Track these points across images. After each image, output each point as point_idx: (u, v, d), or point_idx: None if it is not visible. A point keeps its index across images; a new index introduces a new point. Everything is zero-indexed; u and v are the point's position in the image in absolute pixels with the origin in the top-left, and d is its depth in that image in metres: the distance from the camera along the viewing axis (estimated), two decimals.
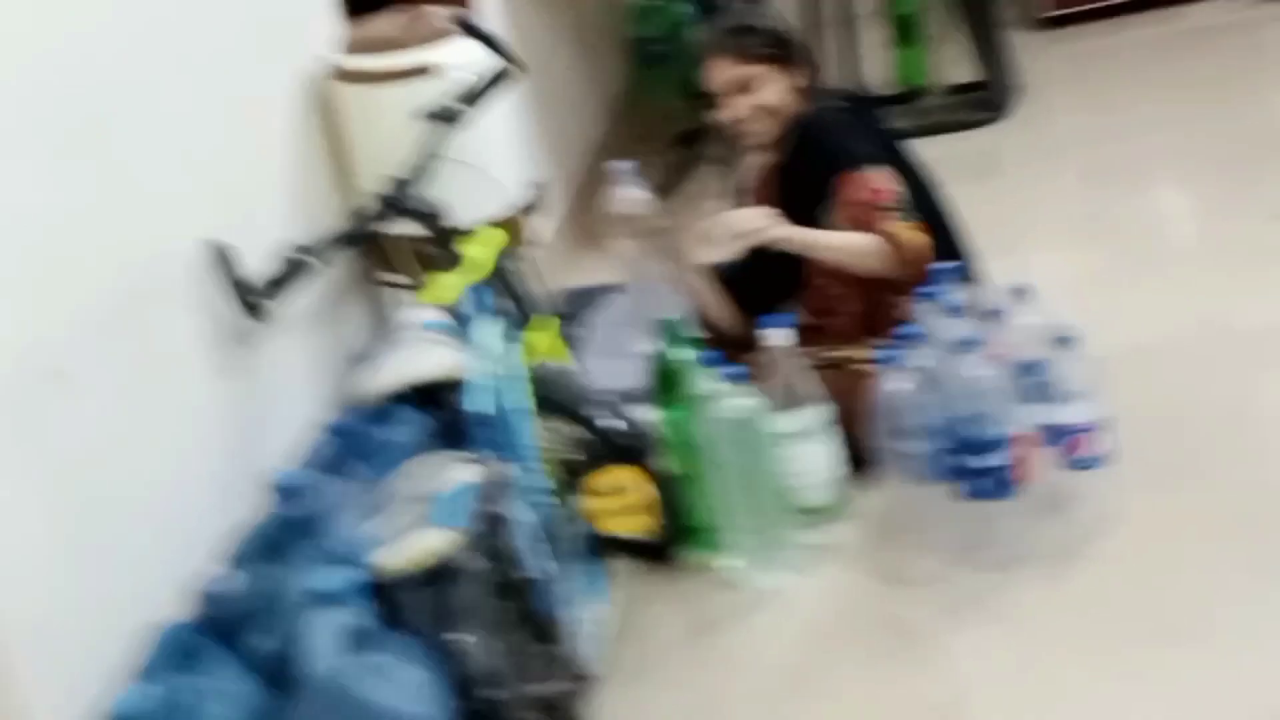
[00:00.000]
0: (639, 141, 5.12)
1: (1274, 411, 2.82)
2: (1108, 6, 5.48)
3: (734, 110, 2.94)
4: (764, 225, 2.75)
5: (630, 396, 3.06)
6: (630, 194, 2.88)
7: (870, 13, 5.20)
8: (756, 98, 2.91)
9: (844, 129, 2.90)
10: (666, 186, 4.40)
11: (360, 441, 2.34)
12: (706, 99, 3.07)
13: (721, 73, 2.93)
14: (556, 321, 2.69)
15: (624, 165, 2.92)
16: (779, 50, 2.91)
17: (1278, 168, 3.88)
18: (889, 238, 2.72)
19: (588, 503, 2.50)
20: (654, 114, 5.60)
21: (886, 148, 2.91)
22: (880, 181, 2.76)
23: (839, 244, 2.76)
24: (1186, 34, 5.19)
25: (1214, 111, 4.42)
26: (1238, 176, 3.89)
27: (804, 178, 2.85)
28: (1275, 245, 3.45)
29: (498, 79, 2.60)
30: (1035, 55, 5.21)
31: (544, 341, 2.62)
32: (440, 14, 2.82)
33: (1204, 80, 4.68)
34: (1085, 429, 2.46)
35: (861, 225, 2.75)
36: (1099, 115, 4.67)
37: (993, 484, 2.41)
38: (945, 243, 2.92)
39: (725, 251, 2.76)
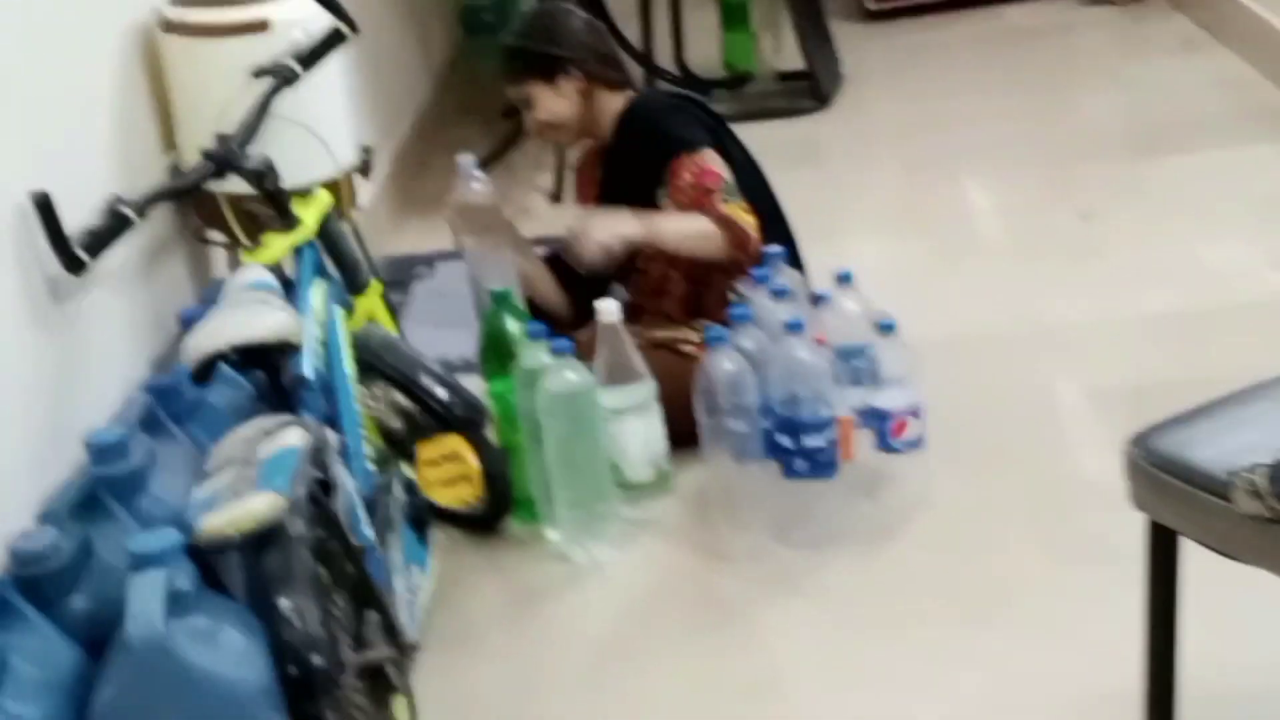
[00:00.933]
0: (465, 111, 5.10)
1: (1075, 404, 2.94)
2: (930, 3, 5.61)
3: (528, 125, 3.04)
4: (621, 231, 2.77)
5: (457, 365, 3.06)
6: (473, 186, 2.93)
7: None
8: (536, 114, 2.98)
9: (670, 114, 2.96)
10: (492, 158, 4.39)
11: (180, 402, 2.29)
12: None
13: (511, 95, 3.03)
14: (381, 287, 2.66)
15: (466, 158, 2.96)
16: (542, 67, 2.95)
17: (1086, 169, 4.04)
18: (720, 220, 2.76)
19: (413, 471, 2.48)
20: (481, 84, 5.57)
21: (713, 132, 2.95)
22: (709, 165, 2.80)
23: (678, 230, 2.80)
24: (1005, 33, 5.36)
25: (1028, 110, 4.57)
26: (1048, 175, 4.04)
27: (632, 162, 2.90)
28: (1082, 244, 3.59)
29: (332, 39, 2.56)
30: (859, 46, 5.31)
31: (369, 306, 2.60)
32: None
33: (1020, 79, 4.84)
34: (902, 414, 2.53)
35: (693, 208, 2.79)
36: (918, 108, 4.79)
37: (812, 464, 2.47)
38: (771, 227, 2.97)
39: (593, 260, 2.78)
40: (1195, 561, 1.74)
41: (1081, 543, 2.45)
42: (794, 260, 2.94)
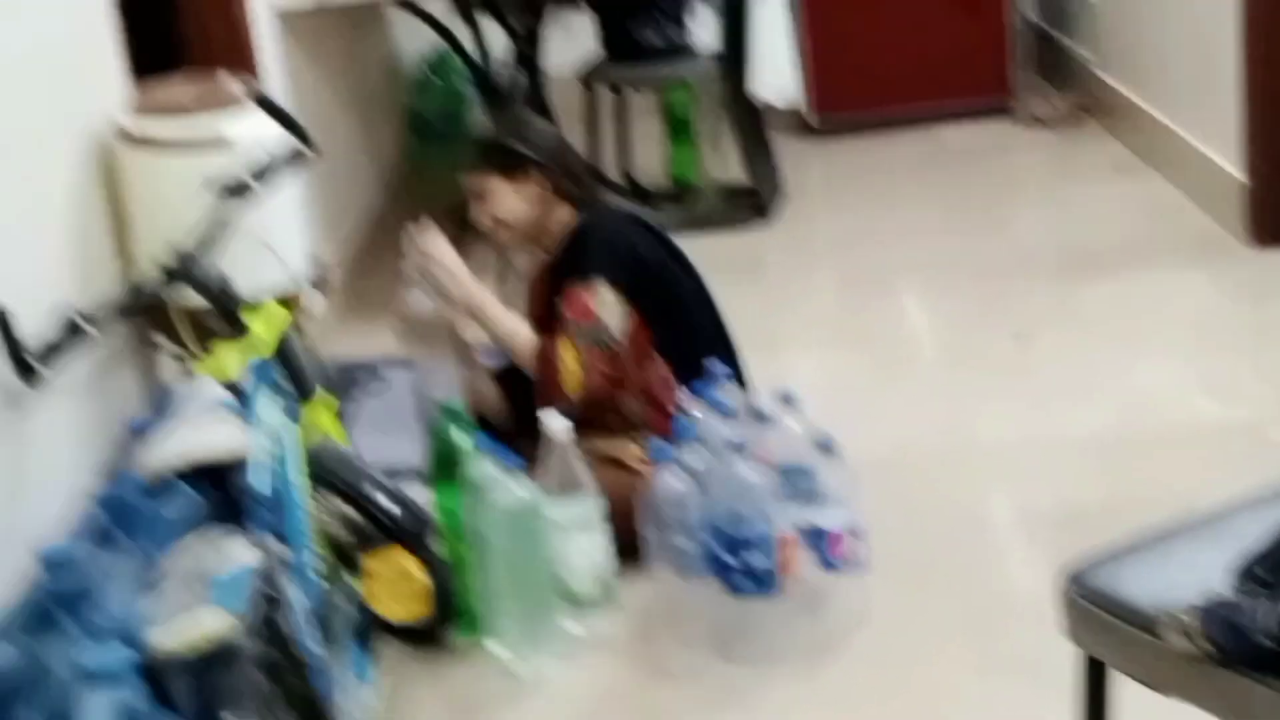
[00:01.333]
0: (413, 214, 5.13)
1: (1008, 520, 3.00)
2: (871, 121, 5.75)
3: (476, 215, 3.11)
4: (448, 286, 2.94)
5: (404, 474, 3.08)
6: (418, 297, 3.00)
7: (647, 109, 5.36)
8: (489, 207, 3.05)
9: (601, 238, 3.00)
10: None
11: (131, 515, 2.30)
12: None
13: (465, 181, 3.10)
14: (334, 399, 2.69)
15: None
16: (508, 163, 3.03)
17: (1018, 288, 4.14)
18: (540, 352, 2.88)
19: (359, 584, 2.50)
20: (429, 187, 5.64)
21: (657, 251, 3.02)
22: (587, 299, 2.88)
23: (498, 324, 2.95)
24: (943, 153, 5.50)
25: (964, 228, 4.69)
26: (983, 292, 4.13)
27: (562, 279, 2.96)
28: (1014, 363, 3.68)
29: (289, 157, 2.61)
30: (801, 162, 5.44)
31: (321, 418, 2.62)
32: (234, 84, 2.81)
33: (956, 198, 4.97)
34: (842, 533, 2.58)
35: (543, 323, 2.94)
36: (858, 223, 4.90)
37: (754, 581, 2.50)
38: (715, 343, 3.03)
39: (420, 290, 2.96)
40: (1127, 693, 1.79)
41: (1014, 661, 2.50)
42: (737, 375, 3.00)
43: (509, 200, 3.03)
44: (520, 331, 2.93)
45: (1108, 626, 1.66)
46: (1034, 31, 6.25)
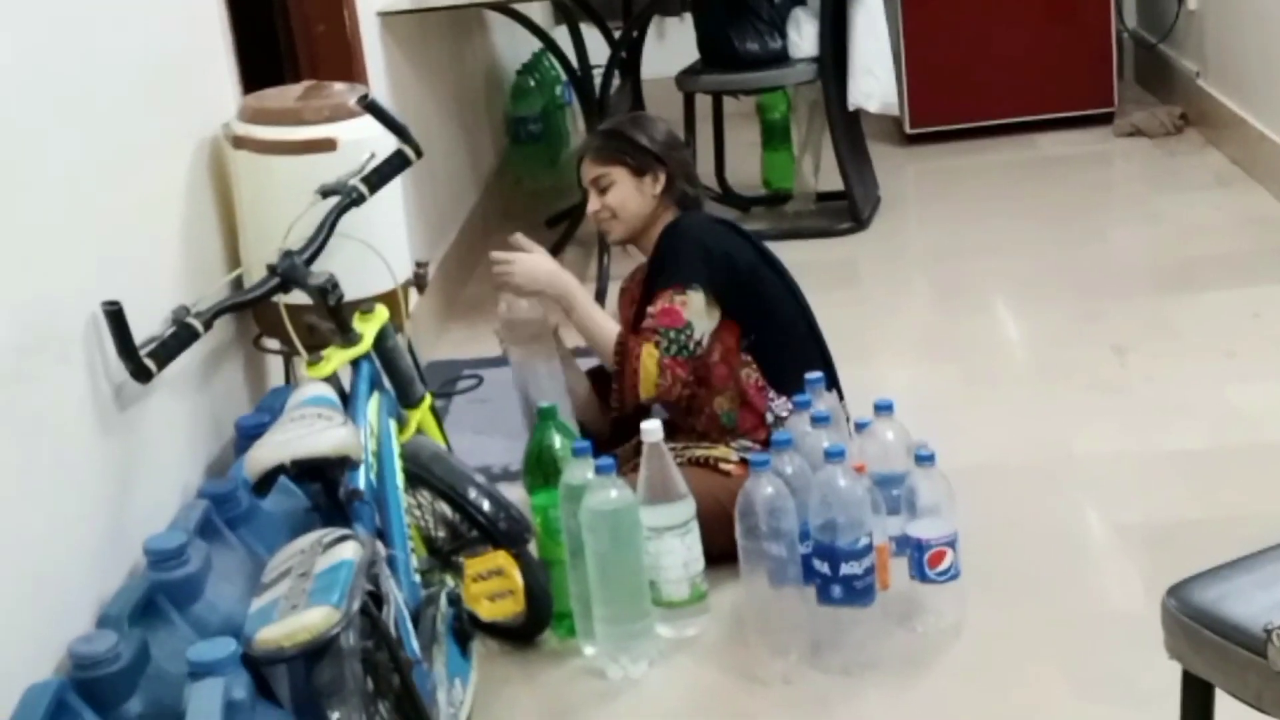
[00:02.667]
0: (509, 218, 5.21)
1: (1101, 535, 2.98)
2: (967, 129, 5.72)
3: (590, 206, 3.11)
4: (539, 279, 2.98)
5: (498, 475, 3.12)
6: (520, 303, 3.03)
7: (743, 116, 5.37)
8: (606, 198, 3.06)
9: (693, 242, 3.00)
10: None
11: (237, 509, 2.36)
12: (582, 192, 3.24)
13: (586, 172, 3.10)
14: (431, 398, 2.73)
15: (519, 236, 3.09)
16: (631, 156, 3.05)
17: (1115, 302, 4.09)
18: (625, 352, 2.88)
19: (456, 583, 2.53)
20: (524, 192, 5.70)
21: (750, 256, 3.02)
22: (677, 306, 2.89)
23: (590, 320, 2.97)
24: (1039, 161, 5.45)
25: (1059, 239, 4.64)
26: (1077, 306, 4.09)
27: (653, 284, 2.98)
28: (1110, 377, 3.64)
29: (397, 163, 2.65)
30: (897, 169, 5.42)
31: (420, 418, 2.66)
32: (342, 90, 2.86)
33: (1053, 208, 4.92)
34: (938, 544, 2.57)
35: (631, 327, 2.97)
36: (952, 232, 4.87)
37: (848, 591, 2.50)
38: (809, 350, 3.03)
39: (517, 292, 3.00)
40: (1229, 714, 1.78)
41: (1109, 679, 2.48)
42: (831, 382, 3.00)
43: (627, 193, 3.05)
44: (607, 329, 2.95)
45: (1212, 645, 1.65)
46: (1136, 41, 6.19)
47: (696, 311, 2.90)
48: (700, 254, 2.96)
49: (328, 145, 2.68)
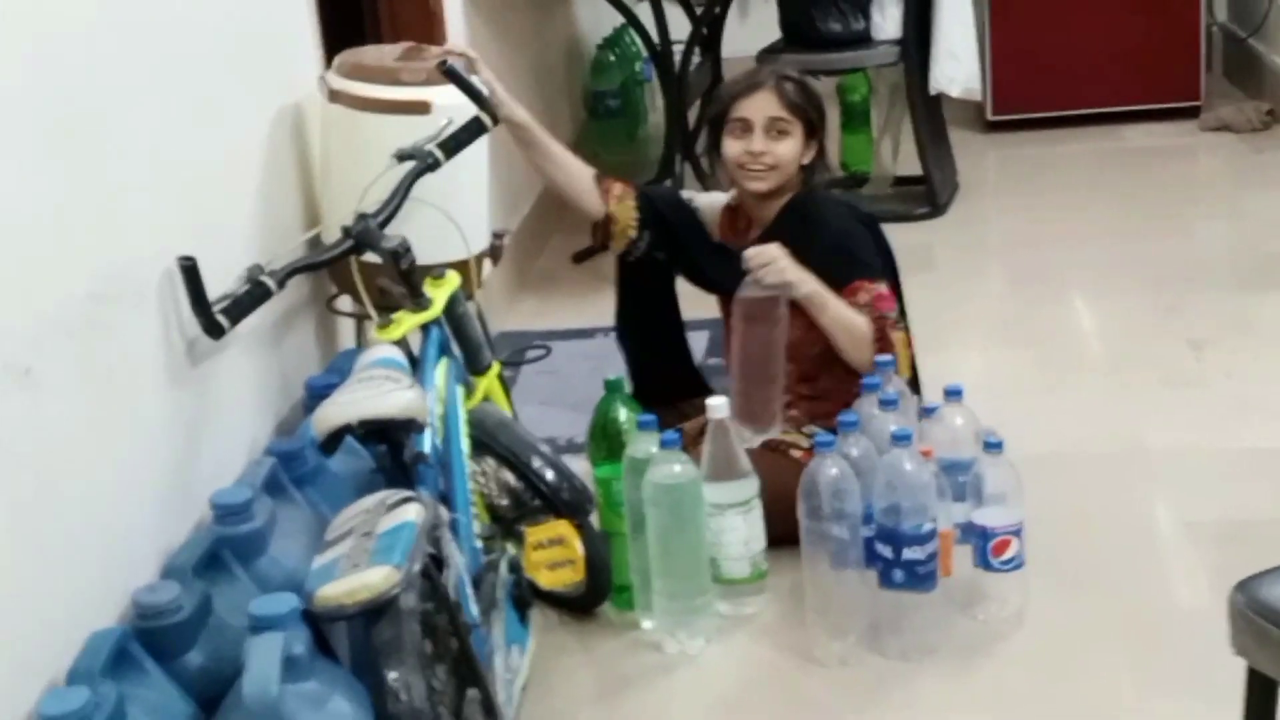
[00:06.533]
0: None
1: (1171, 529, 2.94)
2: (1049, 118, 5.66)
3: (749, 145, 2.93)
4: (790, 278, 2.78)
5: (563, 446, 3.13)
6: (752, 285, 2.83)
7: (823, 95, 5.32)
8: (777, 145, 2.92)
9: (854, 232, 2.95)
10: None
11: (303, 467, 2.37)
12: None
13: (763, 106, 2.93)
14: (499, 367, 2.74)
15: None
16: (814, 117, 2.97)
17: (1196, 297, 4.03)
18: (882, 338, 2.81)
19: (517, 550, 2.54)
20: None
21: (883, 252, 3.01)
22: (886, 293, 2.87)
23: (840, 313, 2.81)
24: (1122, 152, 5.38)
25: (1139, 231, 4.59)
26: (1156, 299, 4.04)
27: (799, 256, 2.83)
28: (1187, 371, 3.59)
29: (473, 129, 2.65)
30: (976, 155, 5.36)
31: (488, 385, 2.67)
32: (439, 55, 2.85)
33: (1134, 201, 4.86)
34: (1004, 533, 2.55)
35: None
36: (1031, 220, 4.83)
37: (910, 576, 2.49)
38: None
39: (761, 282, 2.79)
40: None
41: (1173, 672, 2.45)
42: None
43: (795, 152, 2.94)
44: (857, 319, 2.82)
45: (1278, 641, 1.62)
46: (1225, 34, 6.09)
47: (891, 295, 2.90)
48: (871, 246, 2.96)
49: (422, 108, 2.68)
